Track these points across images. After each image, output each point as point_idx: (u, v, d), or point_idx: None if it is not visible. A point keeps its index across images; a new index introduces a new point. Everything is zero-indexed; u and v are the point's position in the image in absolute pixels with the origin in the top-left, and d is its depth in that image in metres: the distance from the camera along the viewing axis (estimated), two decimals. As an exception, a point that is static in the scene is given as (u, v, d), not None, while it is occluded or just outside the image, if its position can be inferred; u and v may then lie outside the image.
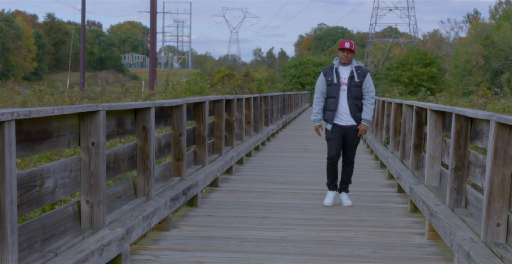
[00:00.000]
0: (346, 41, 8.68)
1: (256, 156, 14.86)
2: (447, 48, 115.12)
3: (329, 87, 8.70)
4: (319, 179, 11.31)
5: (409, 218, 8.13)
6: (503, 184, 5.29)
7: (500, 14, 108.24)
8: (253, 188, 10.20)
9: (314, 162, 13.78)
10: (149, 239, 6.72)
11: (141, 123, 6.98)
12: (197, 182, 8.57)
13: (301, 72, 68.86)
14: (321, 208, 8.61)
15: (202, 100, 9.78)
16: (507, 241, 5.28)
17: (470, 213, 6.56)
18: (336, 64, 8.77)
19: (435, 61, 52.11)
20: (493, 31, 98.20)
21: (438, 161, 8.31)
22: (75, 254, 4.77)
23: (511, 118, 5.00)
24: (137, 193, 6.98)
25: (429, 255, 6.30)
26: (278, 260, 6.00)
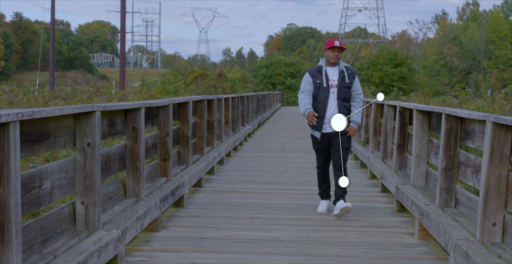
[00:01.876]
0: (334, 39, 8.16)
1: (235, 156, 14.84)
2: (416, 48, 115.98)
3: (316, 90, 8.11)
4: (301, 179, 11.33)
5: (396, 217, 8.17)
6: (499, 184, 5.32)
7: (468, 15, 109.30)
8: (237, 188, 10.18)
9: (294, 162, 13.79)
10: (140, 240, 6.68)
11: (131, 124, 6.94)
12: (184, 182, 8.53)
13: (272, 72, 69.00)
14: (308, 208, 8.61)
15: (186, 101, 9.74)
16: (503, 240, 5.32)
17: (461, 213, 6.60)
18: (323, 65, 8.21)
19: (405, 62, 52.50)
20: (461, 32, 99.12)
21: (424, 161, 8.36)
22: (75, 255, 4.72)
23: (509, 119, 5.04)
24: (127, 193, 6.93)
25: (422, 255, 6.33)
26: (272, 261, 5.99)
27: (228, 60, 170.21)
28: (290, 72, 70.98)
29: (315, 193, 9.82)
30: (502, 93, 23.14)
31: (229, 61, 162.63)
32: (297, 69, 72.41)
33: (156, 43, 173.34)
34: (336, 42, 8.10)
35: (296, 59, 77.82)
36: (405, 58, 53.38)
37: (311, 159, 14.09)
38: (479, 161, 6.15)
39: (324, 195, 8.46)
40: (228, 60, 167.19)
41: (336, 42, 8.11)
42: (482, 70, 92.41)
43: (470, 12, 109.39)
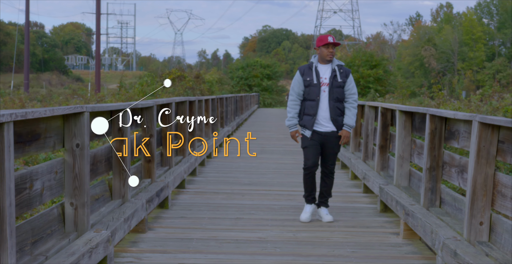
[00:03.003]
0: (327, 35, 7.67)
1: (216, 157, 14.84)
2: (390, 50, 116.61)
3: (308, 88, 7.66)
4: (283, 180, 11.37)
5: (380, 218, 8.22)
6: (486, 183, 5.39)
7: (442, 17, 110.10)
8: (219, 189, 10.19)
9: (275, 163, 13.82)
10: (127, 241, 6.67)
11: (117, 125, 6.93)
12: (168, 183, 8.53)
13: (248, 74, 69.06)
14: (292, 209, 8.64)
15: (169, 102, 9.75)
16: (490, 239, 5.38)
17: (446, 212, 6.66)
18: (315, 62, 7.74)
19: (381, 63, 52.74)
20: (435, 34, 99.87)
21: (407, 161, 8.43)
22: (66, 256, 4.72)
23: (496, 119, 5.11)
24: (113, 195, 6.93)
25: (408, 254, 6.38)
26: (261, 261, 6.02)
27: (204, 62, 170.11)
28: (267, 74, 71.09)
29: (298, 194, 9.87)
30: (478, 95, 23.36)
31: (205, 63, 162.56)
32: (273, 71, 72.52)
33: (131, 45, 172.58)
34: (330, 38, 7.62)
35: (272, 61, 77.93)
36: (380, 60, 53.67)
37: (292, 160, 14.14)
38: (464, 160, 6.22)
39: (310, 198, 7.97)
40: (204, 62, 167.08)
41: (329, 38, 7.62)
42: (456, 72, 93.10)
43: (444, 14, 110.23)
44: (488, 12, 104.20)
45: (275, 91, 73.11)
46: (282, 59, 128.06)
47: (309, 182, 7.90)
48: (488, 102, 18.30)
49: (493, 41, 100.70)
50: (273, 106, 70.68)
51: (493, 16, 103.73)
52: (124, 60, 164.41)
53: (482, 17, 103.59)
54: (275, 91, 73.28)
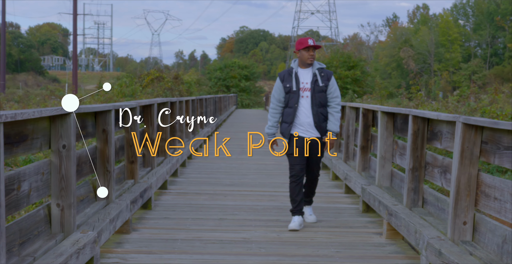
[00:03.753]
0: (307, 38, 7.47)
1: (197, 158, 14.85)
2: (367, 51, 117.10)
3: (288, 95, 7.42)
4: (264, 180, 11.42)
5: (363, 218, 8.29)
6: (470, 183, 5.45)
7: (418, 18, 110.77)
8: (202, 190, 10.21)
9: (255, 164, 13.86)
10: (111, 242, 6.67)
11: (101, 126, 6.94)
12: (151, 184, 8.54)
13: (226, 75, 69.05)
14: (275, 210, 8.68)
15: (151, 103, 9.75)
16: (474, 238, 5.45)
17: (428, 212, 6.73)
18: (295, 67, 7.50)
19: (359, 64, 52.94)
20: (412, 35, 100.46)
21: (389, 161, 8.49)
22: (54, 257, 4.73)
23: (479, 120, 5.18)
24: (97, 196, 6.92)
25: (392, 254, 6.45)
26: (246, 261, 6.05)
27: (181, 62, 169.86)
28: (244, 75, 71.12)
29: (280, 194, 9.94)
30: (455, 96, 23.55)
31: (182, 64, 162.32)
32: (251, 72, 72.58)
33: (108, 45, 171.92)
34: (310, 41, 7.38)
35: (250, 62, 77.98)
36: (358, 61, 53.88)
37: (272, 161, 14.19)
38: (447, 161, 6.28)
39: (297, 210, 7.52)
40: (181, 63, 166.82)
41: (309, 41, 7.39)
42: (433, 73, 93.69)
43: (420, 15, 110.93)
44: (464, 13, 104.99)
45: (253, 92, 73.18)
46: (260, 60, 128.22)
47: (296, 190, 7.48)
48: (466, 103, 18.47)
49: (469, 43, 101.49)
50: (251, 107, 70.72)
51: (469, 18, 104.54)
52: (101, 61, 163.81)
53: (458, 19, 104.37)
54: (253, 92, 73.34)
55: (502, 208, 4.89)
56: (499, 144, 5.03)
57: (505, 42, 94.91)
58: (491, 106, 18.27)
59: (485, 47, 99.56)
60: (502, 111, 16.75)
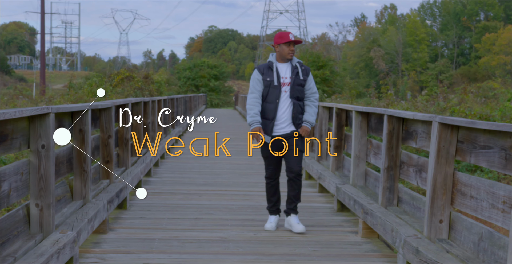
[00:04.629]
0: (287, 32, 7.28)
1: (169, 158, 14.84)
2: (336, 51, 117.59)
3: (266, 89, 7.20)
4: (238, 180, 11.46)
5: (338, 217, 8.35)
6: (446, 182, 5.54)
7: (386, 18, 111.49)
8: (176, 190, 10.22)
9: (228, 163, 13.88)
10: (89, 242, 6.66)
11: (78, 126, 6.93)
12: (126, 184, 8.54)
13: (195, 74, 68.97)
14: (250, 209, 8.73)
15: (126, 103, 9.74)
16: (450, 236, 5.54)
17: (404, 211, 6.82)
18: (274, 61, 7.29)
19: (328, 64, 53.13)
20: (380, 35, 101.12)
21: (364, 161, 8.57)
22: (35, 257, 4.73)
23: (456, 119, 5.26)
24: (74, 196, 6.92)
25: (368, 252, 6.52)
26: (224, 260, 6.08)
27: (149, 62, 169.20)
28: (214, 75, 71.12)
29: (255, 194, 9.98)
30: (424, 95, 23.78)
31: (150, 63, 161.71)
32: (221, 72, 72.61)
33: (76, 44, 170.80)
34: (291, 36, 7.20)
35: (219, 62, 77.99)
36: (327, 61, 54.06)
37: (245, 161, 14.22)
38: (423, 160, 6.37)
39: (274, 210, 7.50)
40: (149, 63, 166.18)
41: (290, 35, 7.20)
42: (401, 73, 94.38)
43: (388, 15, 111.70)
44: (431, 13, 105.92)
45: (222, 92, 73.21)
46: (228, 59, 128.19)
47: (271, 191, 7.47)
48: (436, 103, 18.66)
49: (436, 43, 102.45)
50: (220, 106, 70.69)
51: (436, 18, 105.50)
52: (69, 60, 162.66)
53: (426, 19, 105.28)
54: (223, 92, 73.38)
55: (479, 206, 4.97)
56: (475, 143, 5.11)
57: (471, 43, 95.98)
58: (460, 106, 18.48)
59: (452, 47, 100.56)
60: (470, 111, 16.94)
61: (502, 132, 4.62)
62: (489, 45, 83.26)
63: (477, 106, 20.80)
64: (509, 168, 4.53)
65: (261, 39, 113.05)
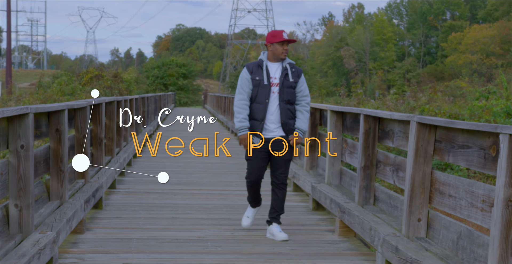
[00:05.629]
0: (281, 31, 6.90)
1: (142, 157, 14.78)
2: (304, 49, 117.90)
3: (256, 89, 6.85)
4: (212, 179, 11.47)
5: (313, 216, 8.40)
6: (424, 181, 5.60)
7: (353, 17, 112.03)
8: (150, 189, 10.20)
9: (201, 162, 13.87)
10: (66, 242, 6.63)
11: (55, 126, 6.89)
12: (102, 184, 8.51)
13: (164, 73, 68.78)
14: (226, 208, 8.74)
15: (100, 102, 9.71)
16: (428, 235, 5.60)
17: (380, 210, 6.88)
18: (265, 59, 6.95)
19: (296, 63, 53.29)
20: (347, 34, 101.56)
21: (339, 160, 8.62)
22: (17, 258, 4.72)
23: (435, 119, 5.33)
24: (51, 196, 6.88)
25: (346, 251, 6.57)
26: (203, 260, 6.09)
27: (117, 60, 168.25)
28: (182, 73, 70.98)
29: (229, 193, 10.02)
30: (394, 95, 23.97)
31: (118, 62, 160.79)
32: (189, 70, 72.49)
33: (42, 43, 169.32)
34: (285, 34, 6.85)
35: (188, 60, 77.85)
36: (296, 60, 54.27)
37: (217, 160, 14.19)
38: (400, 159, 6.43)
39: (255, 203, 7.28)
40: (117, 61, 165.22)
41: (284, 34, 6.86)
42: (368, 71, 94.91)
43: (355, 14, 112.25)
44: (398, 13, 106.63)
45: (191, 91, 73.09)
46: (196, 58, 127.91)
47: (252, 190, 7.13)
48: (406, 102, 18.81)
49: (403, 42, 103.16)
50: (189, 105, 70.56)
51: (403, 17, 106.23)
52: (35, 59, 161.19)
53: (393, 18, 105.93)
54: (191, 91, 73.27)
55: (457, 205, 5.04)
56: (454, 142, 5.18)
57: (438, 42, 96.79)
58: (429, 105, 18.66)
59: (419, 46, 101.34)
60: (440, 110, 17.11)
61: (481, 131, 4.68)
62: (455, 44, 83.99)
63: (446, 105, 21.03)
64: (488, 167, 4.60)
65: (229, 38, 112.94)
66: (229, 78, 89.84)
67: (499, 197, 4.09)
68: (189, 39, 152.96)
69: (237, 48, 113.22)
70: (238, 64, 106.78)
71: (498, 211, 4.09)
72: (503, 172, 4.06)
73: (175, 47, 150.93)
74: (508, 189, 4.05)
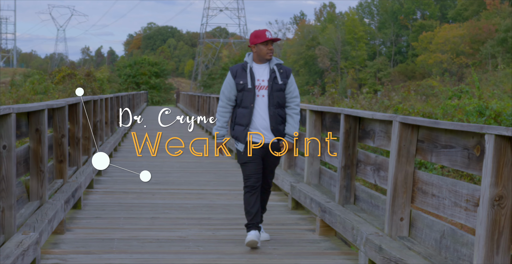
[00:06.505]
0: (264, 30, 6.56)
1: (117, 157, 14.75)
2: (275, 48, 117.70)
3: (241, 93, 6.52)
4: (189, 178, 11.45)
5: (293, 215, 8.42)
6: (406, 180, 5.64)
7: (325, 16, 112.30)
8: (128, 188, 10.16)
9: (177, 162, 13.83)
10: (47, 243, 6.58)
11: (34, 126, 6.86)
12: (81, 184, 8.47)
13: (136, 72, 68.52)
14: (205, 208, 8.74)
15: (77, 101, 9.66)
16: (410, 234, 5.65)
17: (361, 209, 6.91)
18: (250, 62, 6.61)
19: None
20: (319, 33, 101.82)
21: (318, 159, 8.65)
22: (2, 259, 4.68)
23: (418, 119, 5.37)
24: (31, 196, 6.84)
25: (327, 250, 6.59)
26: (186, 260, 6.09)
27: (87, 59, 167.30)
28: (154, 72, 70.79)
29: (207, 192, 10.02)
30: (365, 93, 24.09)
31: (88, 60, 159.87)
32: (161, 69, 72.30)
33: (11, 41, 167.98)
34: (268, 34, 6.50)
35: (160, 59, 77.66)
36: (268, 59, 54.29)
37: (194, 159, 14.16)
38: (381, 159, 6.47)
39: (253, 223, 6.60)
40: (87, 59, 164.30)
41: (267, 33, 6.50)
42: (340, 70, 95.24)
43: (327, 13, 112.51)
44: (369, 12, 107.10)
45: (163, 89, 72.91)
46: (168, 57, 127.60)
47: (251, 201, 6.59)
48: (380, 101, 18.92)
49: (374, 41, 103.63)
50: (161, 104, 70.36)
51: (374, 16, 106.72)
52: (4, 57, 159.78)
53: (364, 17, 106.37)
54: (163, 89, 73.08)
55: (441, 204, 5.08)
56: (437, 142, 5.22)
57: (408, 41, 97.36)
58: (403, 104, 18.79)
59: (390, 45, 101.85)
60: (413, 109, 17.23)
61: (465, 131, 4.73)
62: (426, 44, 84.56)
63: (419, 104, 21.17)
64: (472, 167, 4.65)
65: (201, 37, 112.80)
66: (201, 77, 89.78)
67: (485, 197, 4.13)
68: (160, 38, 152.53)
69: (209, 47, 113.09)
70: (210, 63, 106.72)
71: (484, 211, 4.14)
72: (489, 172, 4.10)
73: (147, 45, 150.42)
74: (493, 188, 4.10)
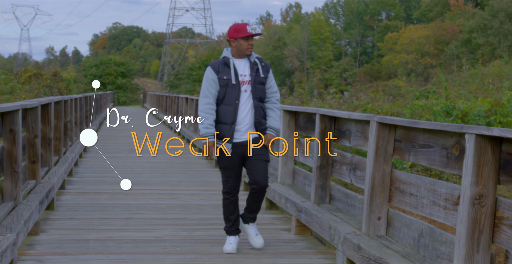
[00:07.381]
0: (244, 24, 6.34)
1: (86, 157, 14.65)
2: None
3: (223, 89, 6.24)
4: (161, 179, 11.42)
5: (268, 214, 8.43)
6: (384, 180, 5.69)
7: (291, 17, 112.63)
8: (100, 189, 10.11)
9: (148, 162, 13.78)
10: (23, 244, 6.51)
11: (9, 126, 6.79)
12: (54, 185, 8.41)
13: (102, 72, 68.07)
14: (179, 208, 8.73)
15: (49, 102, 9.59)
16: (388, 233, 5.69)
17: (337, 208, 6.95)
18: (230, 56, 6.34)
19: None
20: (285, 33, 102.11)
21: (291, 159, 8.68)
22: (-19, 261, 4.64)
23: (396, 119, 5.42)
24: (5, 197, 6.78)
25: (304, 249, 6.62)
26: (164, 260, 6.08)
27: (52, 59, 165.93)
28: (121, 72, 70.43)
29: (180, 192, 10.00)
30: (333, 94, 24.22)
31: (53, 60, 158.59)
32: (128, 69, 71.98)
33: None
34: (249, 28, 6.30)
35: (126, 59, 77.30)
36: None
37: (164, 159, 14.13)
38: (357, 159, 6.51)
39: (233, 230, 6.51)
40: (52, 59, 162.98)
41: (248, 28, 6.30)
42: (306, 71, 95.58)
43: (293, 14, 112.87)
44: (335, 13, 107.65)
45: (129, 89, 72.57)
46: (134, 57, 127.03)
47: (230, 208, 6.46)
48: (349, 101, 19.03)
49: (340, 41, 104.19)
50: (128, 104, 70.02)
51: (340, 17, 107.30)
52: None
53: (330, 18, 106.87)
54: (130, 89, 72.74)
55: (419, 203, 5.13)
56: (415, 142, 5.27)
57: (374, 41, 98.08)
58: (371, 104, 18.92)
59: (355, 46, 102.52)
60: (382, 109, 17.36)
61: (444, 131, 4.78)
62: (391, 44, 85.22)
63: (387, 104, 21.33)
64: (451, 166, 4.69)
65: (167, 37, 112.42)
66: (167, 77, 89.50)
67: (465, 196, 4.17)
68: (126, 38, 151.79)
69: (175, 47, 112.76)
70: (176, 63, 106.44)
71: (465, 209, 4.18)
72: (470, 171, 4.15)
73: (112, 45, 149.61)
74: (474, 187, 4.14)
